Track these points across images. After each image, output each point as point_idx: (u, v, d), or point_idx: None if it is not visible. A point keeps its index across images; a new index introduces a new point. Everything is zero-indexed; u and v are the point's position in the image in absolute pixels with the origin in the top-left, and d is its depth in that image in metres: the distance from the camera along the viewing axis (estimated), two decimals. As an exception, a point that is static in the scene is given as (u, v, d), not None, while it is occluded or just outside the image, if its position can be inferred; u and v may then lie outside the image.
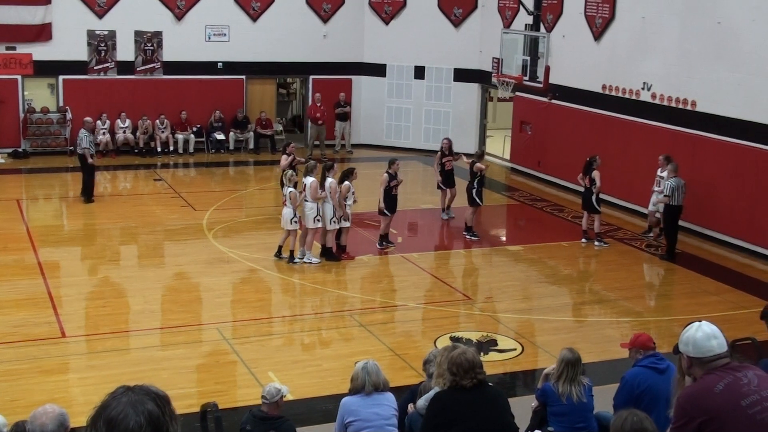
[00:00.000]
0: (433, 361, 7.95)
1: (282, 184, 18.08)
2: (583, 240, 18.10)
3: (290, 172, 16.41)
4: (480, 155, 18.37)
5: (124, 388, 2.92)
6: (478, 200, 17.93)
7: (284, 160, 18.50)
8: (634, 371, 7.99)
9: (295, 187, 16.19)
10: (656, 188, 18.26)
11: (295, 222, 15.94)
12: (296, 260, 16.12)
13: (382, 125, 27.57)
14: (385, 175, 17.37)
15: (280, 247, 16.24)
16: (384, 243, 17.37)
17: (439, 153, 19.57)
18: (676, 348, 4.81)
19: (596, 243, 17.87)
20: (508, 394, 8.87)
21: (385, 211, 17.27)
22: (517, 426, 6.75)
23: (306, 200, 16.10)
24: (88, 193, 20.22)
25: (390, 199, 17.29)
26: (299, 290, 15.14)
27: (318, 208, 16.14)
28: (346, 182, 16.50)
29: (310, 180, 16.15)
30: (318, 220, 16.17)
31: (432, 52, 26.53)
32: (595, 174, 17.63)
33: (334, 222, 16.31)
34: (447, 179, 19.44)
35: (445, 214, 19.61)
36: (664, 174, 17.91)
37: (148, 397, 2.88)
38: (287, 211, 16.03)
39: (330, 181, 16.26)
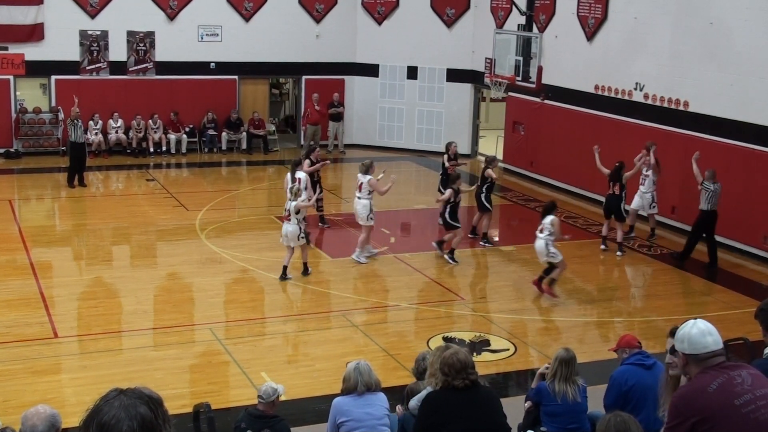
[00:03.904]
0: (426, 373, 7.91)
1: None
2: (603, 246, 17.83)
3: (296, 186, 15.61)
4: (491, 160, 18.17)
5: (116, 391, 2.90)
6: (487, 205, 17.78)
7: (307, 166, 17.87)
8: (621, 369, 8.13)
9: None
10: (641, 187, 18.23)
11: (302, 237, 15.22)
12: (289, 276, 15.38)
13: (375, 125, 27.57)
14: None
15: (285, 268, 15.37)
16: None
17: (445, 156, 19.39)
18: (672, 348, 4.82)
19: (618, 252, 17.48)
20: (500, 394, 8.88)
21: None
22: (509, 426, 6.75)
23: (359, 198, 16.49)
24: (80, 179, 21.44)
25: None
26: (292, 290, 15.11)
27: (371, 206, 16.36)
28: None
29: (367, 178, 16.47)
30: (371, 218, 16.41)
31: (425, 52, 26.55)
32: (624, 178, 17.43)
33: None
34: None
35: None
36: (649, 173, 17.93)
37: (140, 400, 2.86)
38: (293, 228, 15.14)
39: (368, 178, 16.54)
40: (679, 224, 18.94)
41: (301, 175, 16.66)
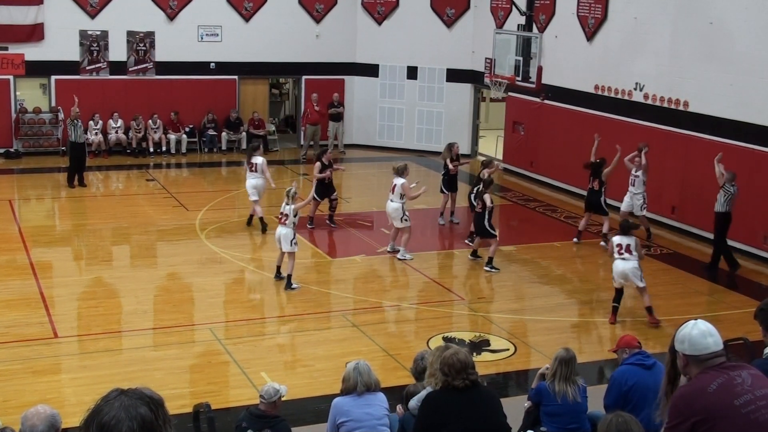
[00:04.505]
0: (424, 374, 7.90)
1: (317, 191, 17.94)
2: (576, 239, 18.06)
3: (293, 189, 15.21)
4: (488, 163, 18.12)
5: (117, 391, 2.90)
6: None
7: (318, 169, 18.08)
8: (622, 369, 8.16)
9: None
10: (631, 188, 18.18)
11: (295, 244, 14.92)
12: (295, 286, 14.95)
13: (375, 125, 27.57)
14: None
15: (278, 268, 15.21)
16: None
17: (448, 158, 19.28)
18: (673, 347, 4.82)
19: (602, 243, 17.64)
20: (500, 394, 8.90)
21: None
22: (509, 426, 6.75)
23: (391, 200, 16.68)
24: (80, 179, 21.45)
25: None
26: (291, 290, 15.08)
27: (404, 208, 16.54)
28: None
29: (401, 181, 16.67)
30: (406, 220, 16.61)
31: (425, 52, 26.54)
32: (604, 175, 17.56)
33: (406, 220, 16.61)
34: (450, 183, 19.33)
35: (442, 218, 19.46)
36: (639, 173, 17.92)
37: (141, 401, 2.86)
38: (286, 232, 14.83)
39: (402, 181, 16.73)
40: (678, 224, 18.95)
41: (257, 160, 18.23)
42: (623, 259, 13.61)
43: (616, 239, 13.79)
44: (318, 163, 18.26)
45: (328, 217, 18.63)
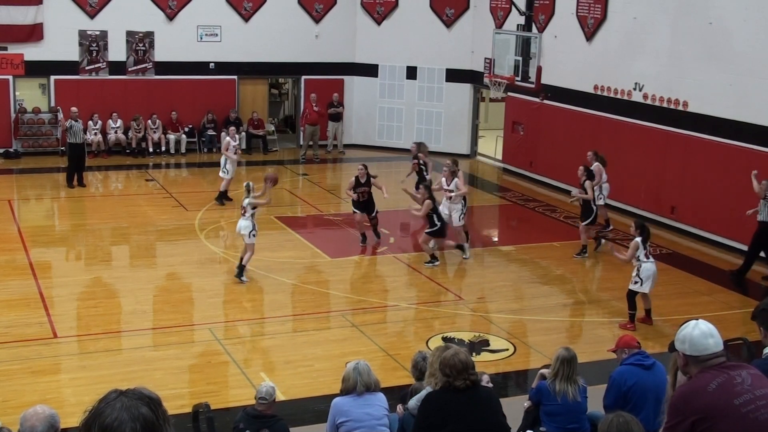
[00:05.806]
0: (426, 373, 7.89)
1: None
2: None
3: (251, 183, 15.41)
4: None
5: (116, 393, 2.89)
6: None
7: (350, 185, 17.78)
8: (621, 369, 8.16)
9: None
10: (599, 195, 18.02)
11: (254, 235, 15.08)
12: (244, 279, 15.15)
13: (374, 125, 27.56)
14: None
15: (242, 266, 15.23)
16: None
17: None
18: (672, 346, 4.82)
19: (604, 240, 17.62)
20: (500, 394, 8.88)
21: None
22: (509, 426, 6.74)
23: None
24: (80, 179, 21.44)
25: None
26: (291, 290, 15.09)
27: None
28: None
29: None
30: (447, 221, 16.81)
31: (424, 52, 26.53)
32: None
33: None
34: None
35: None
36: (604, 178, 17.86)
37: (141, 401, 2.85)
38: (246, 224, 15.12)
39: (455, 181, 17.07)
40: (678, 224, 18.93)
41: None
42: (652, 262, 13.34)
43: (641, 241, 13.32)
44: (352, 180, 17.87)
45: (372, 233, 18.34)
